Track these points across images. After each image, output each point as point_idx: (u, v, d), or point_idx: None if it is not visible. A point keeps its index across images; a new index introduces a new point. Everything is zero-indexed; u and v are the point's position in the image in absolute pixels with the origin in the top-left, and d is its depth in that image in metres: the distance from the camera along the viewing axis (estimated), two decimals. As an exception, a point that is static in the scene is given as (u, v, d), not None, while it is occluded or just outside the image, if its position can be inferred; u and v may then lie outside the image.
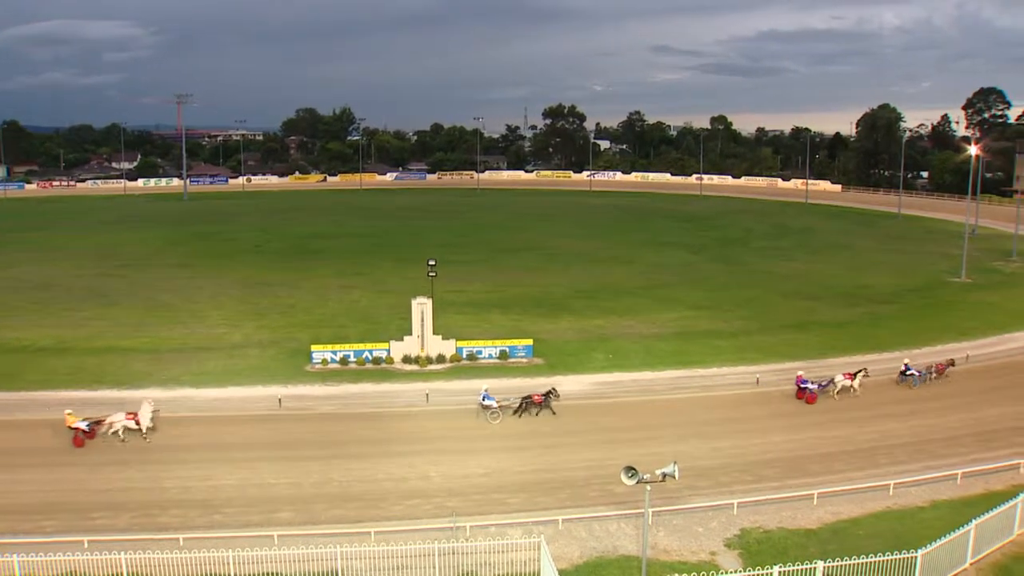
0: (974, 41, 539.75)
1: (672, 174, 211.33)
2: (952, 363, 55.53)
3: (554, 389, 48.25)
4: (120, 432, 43.35)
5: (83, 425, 43.09)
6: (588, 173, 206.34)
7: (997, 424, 46.96)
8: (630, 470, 27.43)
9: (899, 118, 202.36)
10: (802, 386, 50.84)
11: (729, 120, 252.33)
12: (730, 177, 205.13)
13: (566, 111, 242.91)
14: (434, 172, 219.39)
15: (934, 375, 54.01)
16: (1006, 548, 32.64)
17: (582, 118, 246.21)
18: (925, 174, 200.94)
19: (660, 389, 52.25)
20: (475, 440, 43.78)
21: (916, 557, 28.99)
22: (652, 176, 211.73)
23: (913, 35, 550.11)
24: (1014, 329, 67.46)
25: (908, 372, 53.50)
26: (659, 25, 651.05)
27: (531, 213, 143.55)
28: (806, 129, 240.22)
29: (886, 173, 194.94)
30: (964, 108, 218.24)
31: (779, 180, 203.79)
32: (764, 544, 33.26)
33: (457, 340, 57.24)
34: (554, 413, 47.59)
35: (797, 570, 28.32)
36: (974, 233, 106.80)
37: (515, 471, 40.09)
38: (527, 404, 47.44)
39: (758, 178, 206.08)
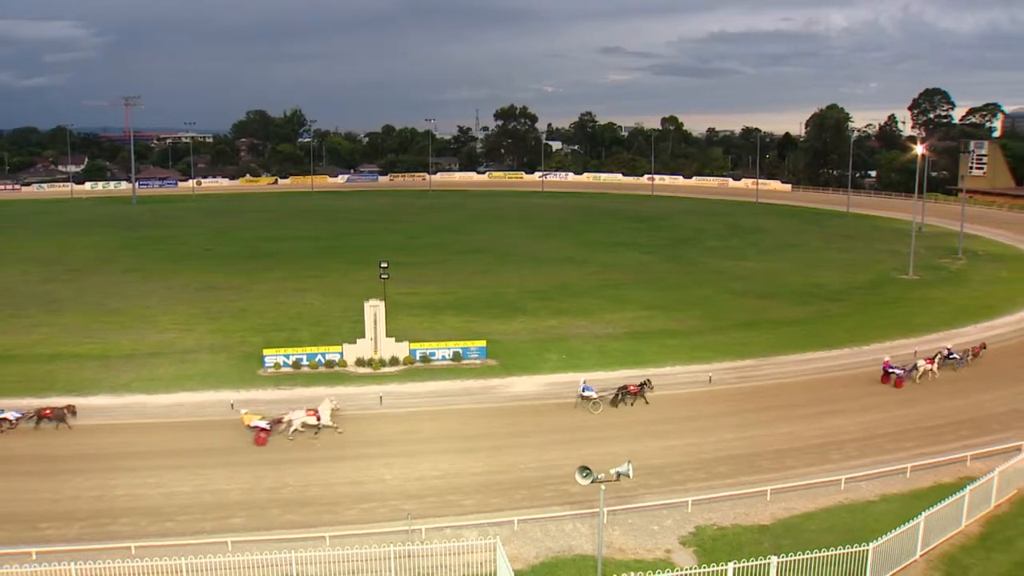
0: (918, 43, 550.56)
1: (624, 174, 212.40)
2: (984, 346, 59.75)
3: (648, 380, 50.15)
4: (299, 428, 44.55)
5: (263, 424, 44.12)
6: (540, 174, 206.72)
7: (945, 418, 47.85)
8: (584, 470, 27.56)
9: (847, 118, 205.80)
10: (889, 371, 53.77)
11: (680, 121, 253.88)
12: (681, 177, 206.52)
13: (518, 112, 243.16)
14: (386, 174, 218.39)
15: (971, 358, 57.79)
16: (955, 539, 33.28)
17: (534, 119, 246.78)
18: (873, 173, 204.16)
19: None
20: (429, 442, 43.69)
21: (868, 550, 29.43)
22: (604, 176, 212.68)
23: (860, 37, 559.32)
24: (960, 324, 68.84)
25: (951, 356, 56.46)
26: (609, 27, 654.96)
27: (484, 214, 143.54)
28: (756, 129, 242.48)
29: (835, 172, 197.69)
30: (910, 108, 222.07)
31: (730, 180, 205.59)
32: (719, 541, 33.56)
33: (410, 342, 57.11)
34: (647, 403, 49.30)
35: (751, 566, 28.59)
36: (921, 231, 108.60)
37: (470, 472, 40.10)
38: (623, 394, 49.27)
39: (709, 178, 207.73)
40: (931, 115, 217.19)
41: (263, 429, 43.87)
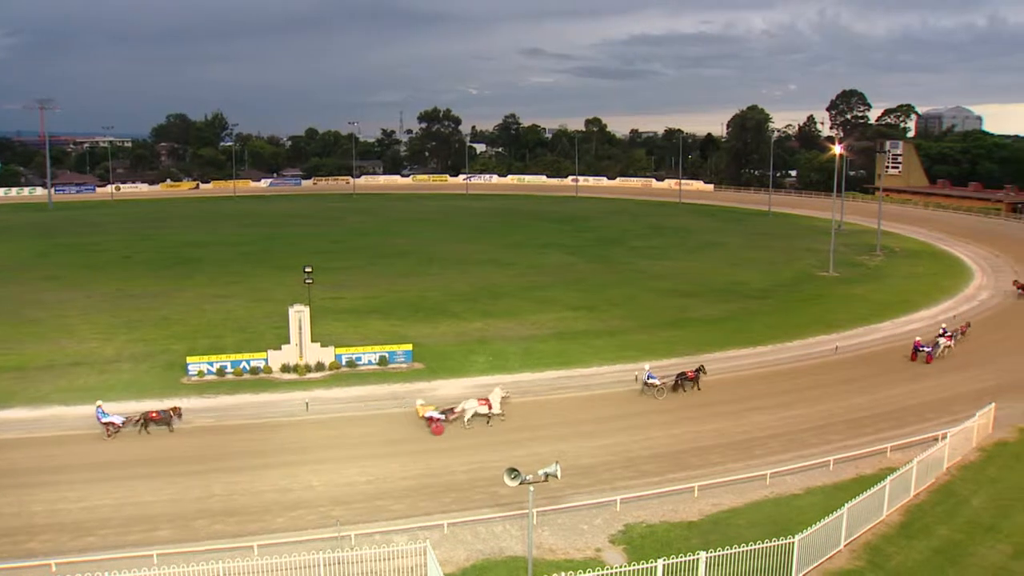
0: (835, 46, 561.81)
1: (548, 176, 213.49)
2: (969, 324, 65.88)
3: (703, 366, 53.35)
4: (471, 417, 46.46)
5: (437, 415, 45.87)
6: (464, 176, 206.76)
7: (865, 411, 49.09)
8: (513, 471, 27.64)
9: (767, 119, 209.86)
10: (920, 349, 59.14)
11: (603, 122, 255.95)
12: (605, 178, 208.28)
13: (441, 115, 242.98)
14: (309, 178, 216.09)
15: (959, 336, 62.57)
16: (877, 529, 34.16)
17: (457, 121, 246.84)
18: (793, 173, 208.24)
19: (540, 390, 52.76)
20: (357, 447, 43.44)
21: (794, 543, 30.02)
22: (528, 178, 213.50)
23: (779, 39, 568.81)
24: (878, 320, 70.72)
25: (945, 333, 60.95)
26: (531, 29, 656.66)
27: (408, 218, 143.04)
28: (678, 130, 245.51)
29: (756, 172, 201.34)
30: (828, 109, 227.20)
31: (653, 180, 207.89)
32: (648, 538, 33.93)
33: (336, 347, 56.70)
34: (699, 389, 52.26)
35: (681, 562, 28.96)
36: (840, 229, 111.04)
37: (398, 477, 39.96)
38: (682, 380, 52.08)
39: (633, 179, 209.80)
40: (848, 116, 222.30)
41: (438, 419, 45.76)
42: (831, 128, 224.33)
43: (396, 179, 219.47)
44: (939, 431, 43.13)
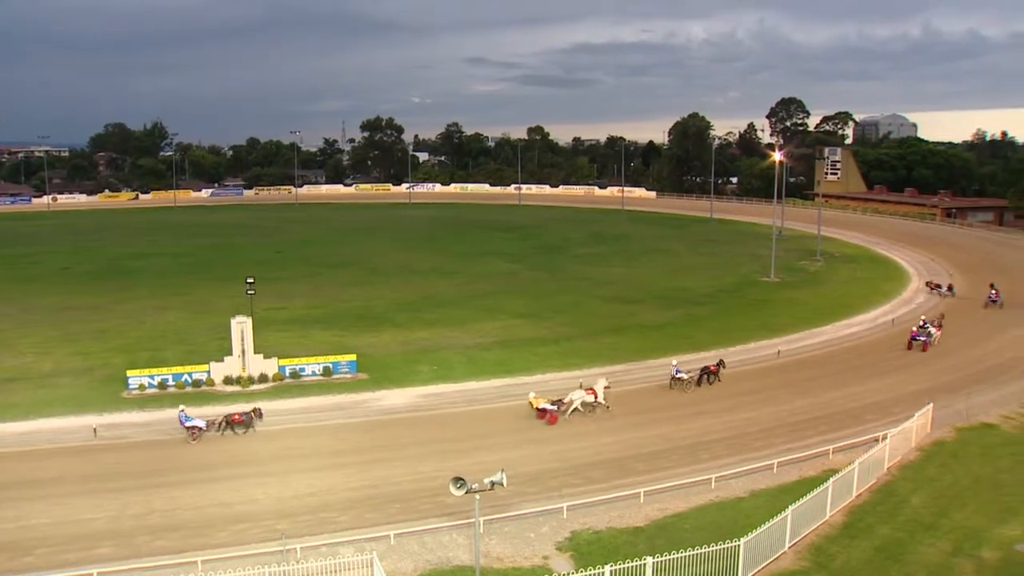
0: (774, 54, 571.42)
1: (491, 184, 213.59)
2: (943, 316, 69.93)
3: (723, 360, 56.67)
4: (579, 407, 49.18)
5: (549, 405, 48.33)
6: (407, 185, 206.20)
7: (807, 414, 49.83)
8: (458, 480, 27.59)
9: (708, 126, 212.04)
10: (916, 339, 63.92)
11: (546, 130, 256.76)
12: (548, 186, 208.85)
13: (384, 124, 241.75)
14: (251, 188, 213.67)
15: (936, 328, 65.96)
16: (820, 529, 34.67)
17: (400, 130, 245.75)
18: (734, 179, 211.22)
19: (486, 398, 52.74)
20: (302, 459, 43.05)
21: (739, 545, 30.34)
22: (471, 187, 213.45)
23: (719, 48, 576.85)
24: (820, 324, 71.76)
25: (923, 326, 65.23)
26: (475, 37, 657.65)
27: (351, 227, 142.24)
28: (621, 138, 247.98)
29: (698, 179, 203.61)
30: (768, 117, 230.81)
31: (596, 188, 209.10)
32: (595, 545, 34.04)
33: (279, 358, 56.18)
34: (720, 380, 55.26)
35: (628, 567, 29.11)
36: (781, 234, 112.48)
37: (344, 488, 39.67)
38: (707, 374, 55.00)
39: (575, 186, 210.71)
40: (788, 123, 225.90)
41: (551, 410, 48.12)
42: (771, 135, 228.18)
43: (339, 188, 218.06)
44: (879, 432, 43.91)
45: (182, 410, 46.91)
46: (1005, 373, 58.28)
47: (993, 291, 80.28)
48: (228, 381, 54.48)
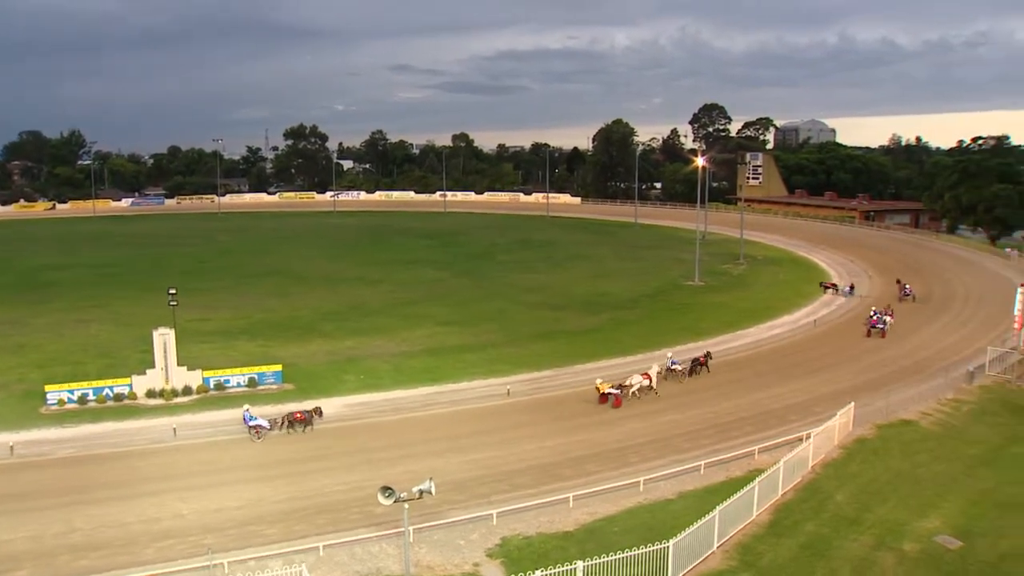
0: (696, 61, 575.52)
1: (416, 192, 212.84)
2: (891, 307, 75.01)
3: (710, 352, 60.43)
4: (637, 392, 53.31)
5: (613, 390, 52.42)
6: (332, 193, 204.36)
7: (733, 415, 50.66)
8: (387, 490, 27.45)
9: (632, 132, 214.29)
10: (876, 326, 69.61)
11: (471, 137, 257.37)
12: (473, 193, 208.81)
13: (308, 131, 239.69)
14: (173, 197, 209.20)
15: (890, 318, 71.08)
16: (748, 529, 35.26)
17: (324, 138, 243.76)
18: (658, 185, 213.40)
19: (413, 407, 52.55)
20: (228, 472, 42.43)
21: (668, 547, 30.68)
22: (396, 194, 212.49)
23: (642, 55, 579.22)
24: (744, 326, 73.03)
25: (879, 315, 70.76)
26: (400, 45, 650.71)
27: (276, 236, 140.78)
28: (545, 144, 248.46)
29: (622, 185, 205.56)
30: (691, 123, 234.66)
31: (521, 195, 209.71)
32: (525, 550, 34.13)
33: (204, 370, 55.35)
34: (708, 371, 58.79)
35: (558, 572, 29.23)
36: (704, 239, 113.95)
37: (271, 500, 39.17)
38: (696, 365, 58.77)
39: (500, 193, 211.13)
40: (710, 129, 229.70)
41: (615, 394, 52.15)
42: (694, 141, 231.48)
43: (262, 197, 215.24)
44: (803, 431, 44.80)
45: (246, 409, 47.97)
46: (946, 359, 61.51)
47: (907, 287, 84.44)
48: (151, 394, 53.45)
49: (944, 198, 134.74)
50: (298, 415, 47.95)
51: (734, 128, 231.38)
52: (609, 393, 52.37)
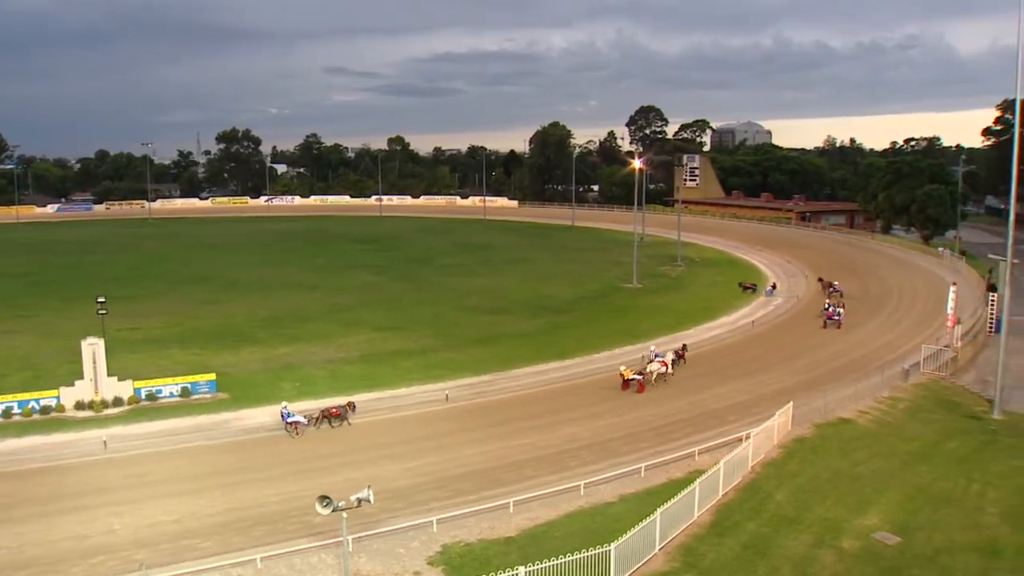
0: (633, 63, 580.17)
1: (351, 196, 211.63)
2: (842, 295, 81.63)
3: (685, 344, 63.64)
4: (655, 377, 56.84)
5: (636, 376, 55.98)
6: (266, 198, 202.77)
7: (673, 416, 51.06)
8: (324, 499, 27.18)
9: (569, 135, 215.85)
10: (832, 318, 73.41)
11: (406, 140, 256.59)
12: (409, 197, 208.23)
13: (241, 135, 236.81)
14: (101, 202, 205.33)
15: (842, 310, 75.21)
16: (689, 530, 35.46)
17: (257, 142, 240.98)
18: (595, 187, 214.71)
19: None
20: (161, 485, 41.60)
21: (610, 550, 30.76)
22: (331, 199, 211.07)
23: (579, 57, 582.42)
24: (682, 328, 73.73)
25: (833, 307, 75.26)
26: (335, 47, 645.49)
27: (209, 242, 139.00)
28: (482, 147, 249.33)
29: (559, 187, 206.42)
30: (628, 125, 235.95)
31: (458, 198, 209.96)
32: (466, 557, 33.99)
33: (134, 380, 54.32)
34: (684, 362, 61.40)
35: (500, 578, 29.24)
36: (642, 241, 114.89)
37: (206, 513, 38.53)
38: (676, 358, 60.51)
39: (437, 197, 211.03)
40: (647, 131, 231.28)
41: (637, 379, 55.72)
42: (631, 143, 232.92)
43: (194, 202, 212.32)
44: (743, 431, 45.26)
45: (284, 406, 49.06)
46: (881, 357, 62.52)
47: (834, 284, 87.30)
48: (80, 406, 52.31)
49: (878, 198, 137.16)
50: (333, 410, 49.52)
51: (671, 130, 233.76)
52: (632, 379, 55.77)
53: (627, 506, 38.23)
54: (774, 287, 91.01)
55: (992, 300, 73.24)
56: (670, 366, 58.33)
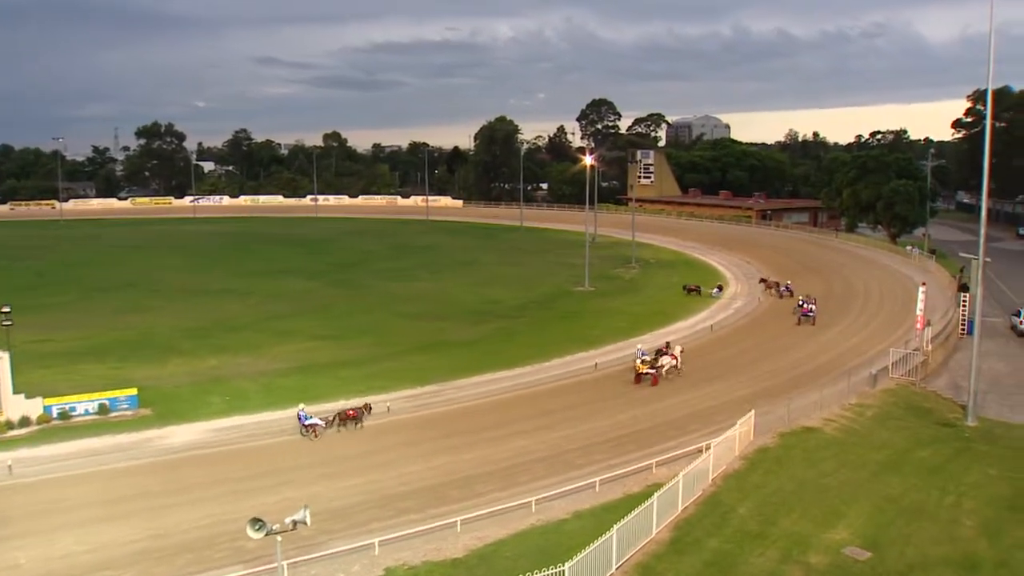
0: (583, 54, 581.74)
1: (285, 196, 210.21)
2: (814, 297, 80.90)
3: (669, 343, 65.79)
4: (666, 370, 60.18)
5: (652, 370, 59.44)
6: (192, 198, 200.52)
7: (628, 427, 51.21)
8: (257, 522, 26.85)
9: (516, 130, 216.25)
10: (807, 315, 76.62)
11: (343, 136, 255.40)
12: (347, 197, 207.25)
13: (163, 130, 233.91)
14: (5, 203, 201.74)
15: (814, 308, 77.56)
16: (647, 547, 35.49)
17: (182, 137, 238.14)
18: (544, 185, 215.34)
19: (285, 429, 51.47)
20: (74, 511, 40.64)
21: (564, 570, 30.70)
22: (263, 199, 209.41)
23: (527, 47, 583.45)
24: (637, 333, 73.94)
25: (806, 303, 78.02)
26: (266, 35, 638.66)
27: (129, 245, 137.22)
28: (424, 144, 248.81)
29: (506, 186, 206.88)
30: (579, 119, 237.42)
31: (399, 198, 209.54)
32: (410, 581, 33.83)
33: (45, 398, 53.17)
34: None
35: (445, 602, 29.09)
36: (594, 242, 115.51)
37: (125, 542, 37.69)
38: (660, 354, 62.03)
39: (376, 196, 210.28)
40: (599, 126, 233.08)
41: (652, 373, 59.09)
42: (582, 139, 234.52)
43: (112, 203, 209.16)
44: (703, 442, 45.44)
45: (302, 408, 50.47)
46: (847, 362, 63.32)
47: (786, 285, 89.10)
48: (-19, 426, 51.25)
49: (843, 195, 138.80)
50: (350, 412, 51.27)
51: (624, 125, 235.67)
52: (647, 373, 59.11)
53: (581, 523, 38.19)
54: (720, 288, 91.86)
55: (964, 301, 74.64)
56: (679, 360, 61.53)
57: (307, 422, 49.90)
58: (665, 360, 60.79)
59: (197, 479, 44.37)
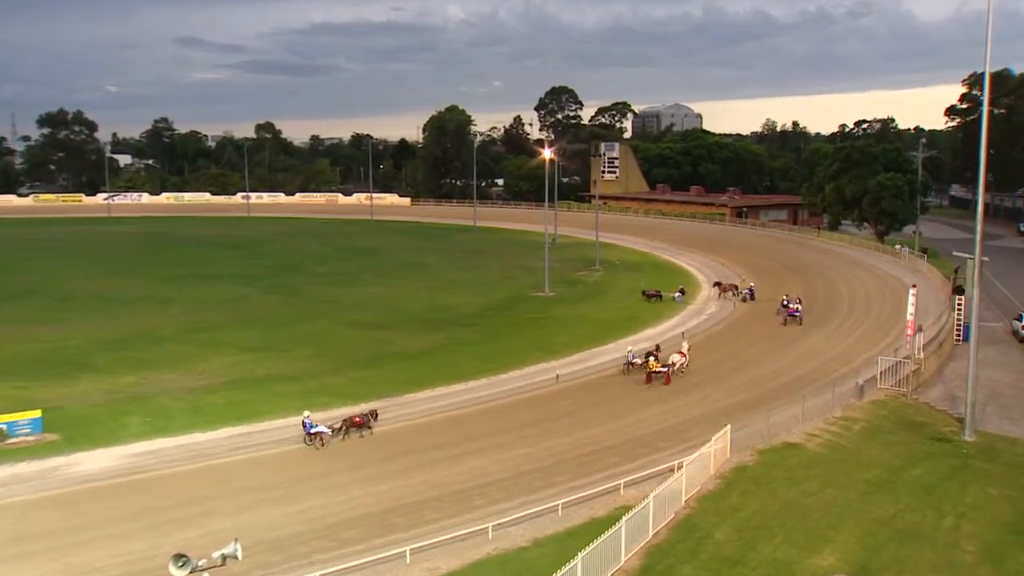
0: (542, 37, 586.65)
1: (213, 193, 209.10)
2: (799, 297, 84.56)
3: (659, 345, 67.78)
4: (676, 368, 63.22)
5: (664, 368, 62.26)
6: (106, 196, 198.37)
7: (593, 444, 50.96)
8: (180, 558, 26.44)
9: (469, 121, 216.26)
10: (794, 315, 79.64)
11: (278, 127, 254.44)
12: (283, 194, 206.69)
13: (71, 118, 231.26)
14: None
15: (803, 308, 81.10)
16: (615, 577, 35.27)
17: (93, 127, 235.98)
18: (500, 181, 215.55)
19: (215, 452, 50.77)
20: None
21: (523, 604, 30.44)
22: (188, 197, 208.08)
23: (480, 30, 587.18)
24: (602, 341, 74.03)
25: (791, 303, 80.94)
26: (188, 13, 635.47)
27: (32, 249, 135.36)
28: (368, 136, 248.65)
29: (458, 182, 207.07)
30: (537, 109, 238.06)
31: (340, 195, 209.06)
32: (354, 618, 33.41)
33: (-68, 423, 52.07)
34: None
35: (392, 642, 28.67)
36: (555, 243, 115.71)
37: (25, 586, 36.89)
38: (649, 355, 64.33)
39: (316, 194, 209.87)
40: (559, 116, 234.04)
41: (665, 371, 61.93)
42: (541, 130, 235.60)
43: (11, 200, 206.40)
44: (674, 460, 45.33)
45: (307, 416, 51.57)
46: (832, 372, 63.67)
47: (749, 288, 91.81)
48: None
49: (825, 190, 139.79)
50: (357, 419, 52.47)
51: (587, 115, 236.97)
52: (660, 371, 62.04)
53: (543, 551, 37.89)
54: (682, 292, 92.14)
55: (959, 304, 75.02)
56: (687, 357, 64.97)
57: (312, 430, 50.77)
58: (676, 358, 63.79)
59: (112, 511, 43.19)
